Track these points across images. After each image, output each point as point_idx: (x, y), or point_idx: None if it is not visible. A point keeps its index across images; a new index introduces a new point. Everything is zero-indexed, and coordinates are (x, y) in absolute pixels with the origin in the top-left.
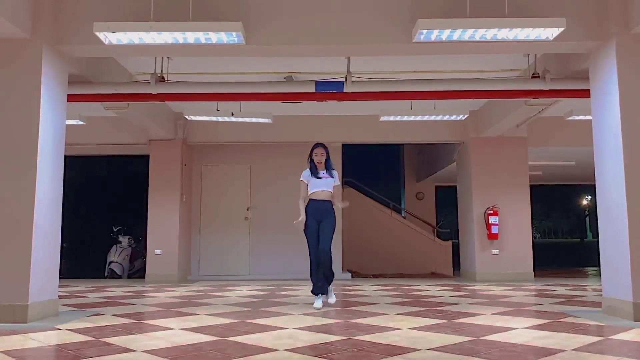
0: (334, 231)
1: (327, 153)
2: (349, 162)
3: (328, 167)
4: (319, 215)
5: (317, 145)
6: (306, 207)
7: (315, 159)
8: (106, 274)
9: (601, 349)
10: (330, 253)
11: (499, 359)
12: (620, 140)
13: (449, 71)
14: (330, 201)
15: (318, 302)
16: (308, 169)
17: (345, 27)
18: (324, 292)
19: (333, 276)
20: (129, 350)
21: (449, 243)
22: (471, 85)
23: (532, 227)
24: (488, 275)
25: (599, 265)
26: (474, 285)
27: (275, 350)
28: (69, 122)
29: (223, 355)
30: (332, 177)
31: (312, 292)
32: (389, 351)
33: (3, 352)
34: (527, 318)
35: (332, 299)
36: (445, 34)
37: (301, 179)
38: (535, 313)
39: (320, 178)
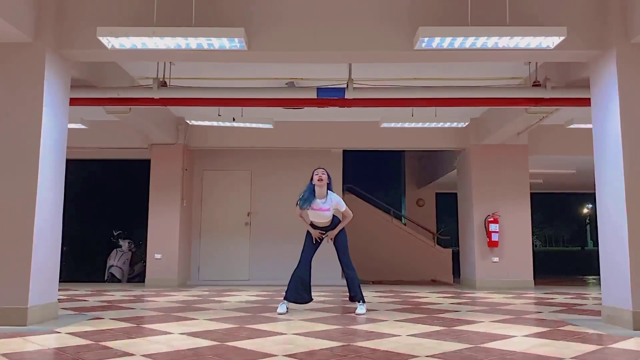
0: (347, 242)
1: (328, 177)
2: (349, 168)
3: (328, 193)
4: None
5: (317, 167)
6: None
7: (315, 177)
8: (106, 277)
9: (600, 358)
10: (353, 268)
11: None
12: (621, 149)
13: (450, 79)
14: (331, 222)
15: (282, 307)
16: (302, 198)
17: (347, 34)
18: (295, 300)
19: (360, 291)
20: (128, 354)
21: (449, 250)
22: (472, 92)
23: (533, 235)
24: (488, 282)
25: (599, 273)
26: (473, 293)
27: (274, 355)
28: (71, 125)
29: None
30: (329, 207)
31: (285, 298)
32: (387, 357)
33: (3, 355)
34: (526, 326)
35: (362, 309)
36: (446, 42)
37: (297, 208)
38: (535, 321)
39: (315, 210)
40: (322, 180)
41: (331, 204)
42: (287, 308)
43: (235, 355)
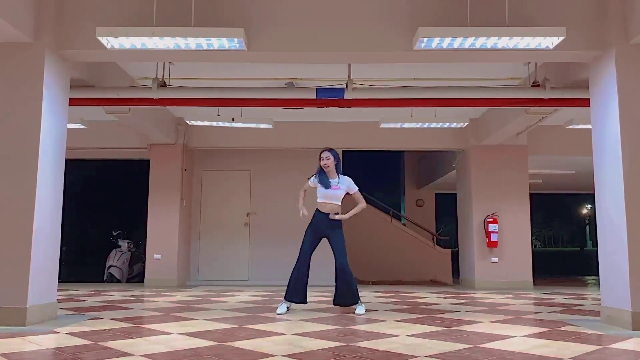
0: (344, 242)
1: (335, 158)
2: (349, 168)
3: (338, 174)
4: (322, 230)
5: (323, 150)
6: (314, 214)
7: (321, 162)
8: (105, 278)
9: (599, 358)
10: (350, 269)
11: None
12: (620, 150)
13: (449, 79)
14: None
15: (282, 308)
16: (316, 175)
17: (346, 35)
18: (300, 301)
19: (356, 294)
20: (128, 355)
21: (449, 250)
22: (471, 93)
23: (532, 236)
24: (487, 283)
25: (598, 274)
26: (473, 293)
27: (274, 355)
28: (70, 126)
29: None
30: (341, 188)
31: (285, 298)
32: (386, 358)
33: (2, 355)
34: (525, 326)
35: (361, 310)
36: (446, 42)
37: (309, 182)
38: (534, 321)
39: (328, 188)
40: (328, 166)
41: (343, 184)
42: (288, 308)
43: (235, 356)
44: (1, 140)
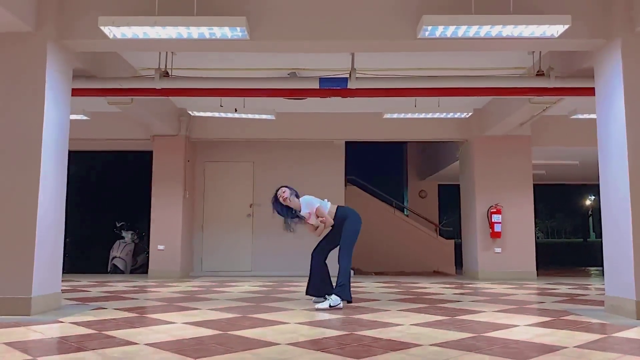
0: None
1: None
2: (352, 159)
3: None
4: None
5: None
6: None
7: (280, 199)
8: (109, 269)
9: (603, 347)
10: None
11: (500, 355)
12: (625, 140)
13: (453, 68)
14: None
15: (338, 300)
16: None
17: (349, 23)
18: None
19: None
20: (132, 343)
21: (452, 241)
22: (475, 82)
23: (535, 227)
24: (490, 273)
25: (601, 265)
26: (476, 284)
27: (277, 344)
28: (73, 117)
29: (225, 348)
30: (309, 211)
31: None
32: (390, 346)
33: (6, 344)
34: (529, 316)
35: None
36: (450, 31)
37: (318, 206)
38: (538, 311)
39: (307, 223)
40: (285, 200)
41: (308, 208)
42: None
43: (239, 345)
44: (3, 131)
